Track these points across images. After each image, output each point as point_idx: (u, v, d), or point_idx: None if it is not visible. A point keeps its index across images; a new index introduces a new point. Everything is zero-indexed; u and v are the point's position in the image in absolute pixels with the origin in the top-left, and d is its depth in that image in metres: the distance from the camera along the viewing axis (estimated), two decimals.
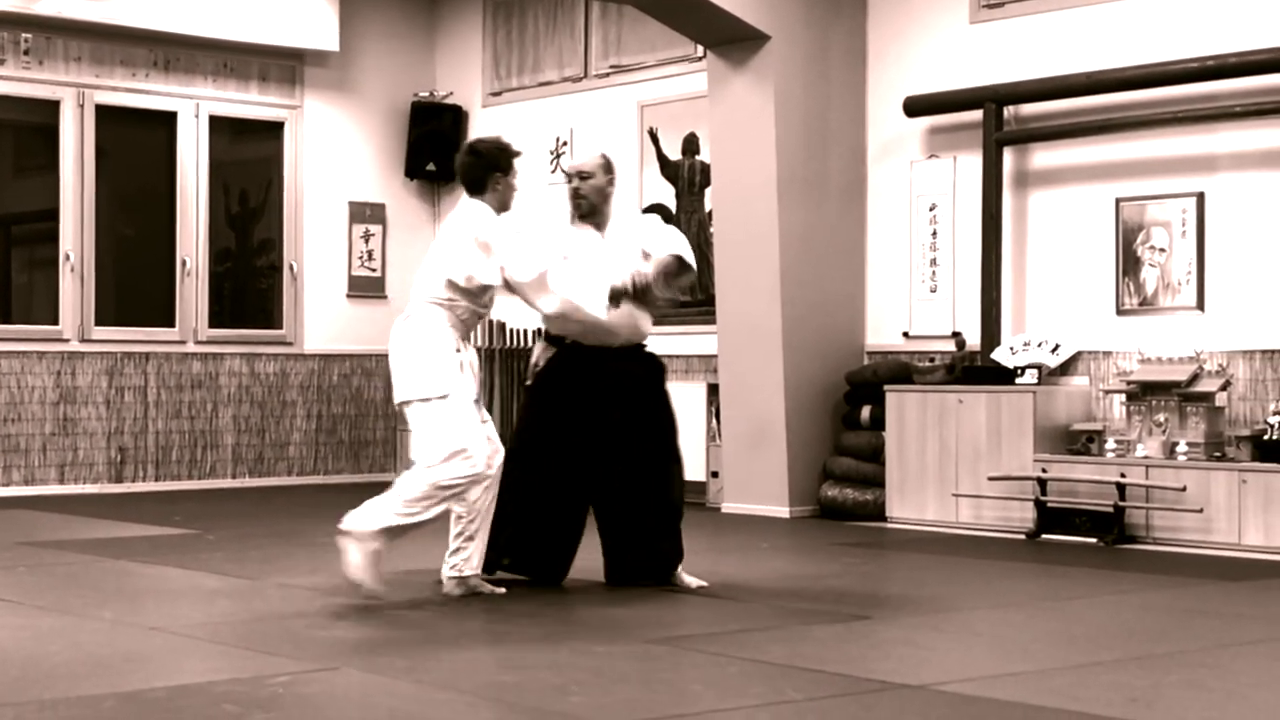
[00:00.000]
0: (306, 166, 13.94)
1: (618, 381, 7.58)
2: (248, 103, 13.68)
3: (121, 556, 8.72)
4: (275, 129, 13.85)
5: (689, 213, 12.39)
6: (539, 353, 7.76)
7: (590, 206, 7.58)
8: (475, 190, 7.40)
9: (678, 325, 12.34)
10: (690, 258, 7.46)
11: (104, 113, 13.02)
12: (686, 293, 8.17)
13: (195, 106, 13.38)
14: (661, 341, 12.26)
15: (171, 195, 13.32)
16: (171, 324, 13.25)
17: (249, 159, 13.98)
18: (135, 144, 13.42)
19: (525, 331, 13.00)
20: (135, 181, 13.47)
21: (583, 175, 7.58)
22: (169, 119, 13.32)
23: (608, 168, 7.64)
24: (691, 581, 7.62)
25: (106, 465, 12.97)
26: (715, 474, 11.77)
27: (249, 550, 9.07)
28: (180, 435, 13.28)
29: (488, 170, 7.40)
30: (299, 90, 13.92)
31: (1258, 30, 9.57)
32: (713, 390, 11.87)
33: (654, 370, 7.75)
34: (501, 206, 7.36)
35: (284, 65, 13.82)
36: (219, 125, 13.56)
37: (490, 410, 8.26)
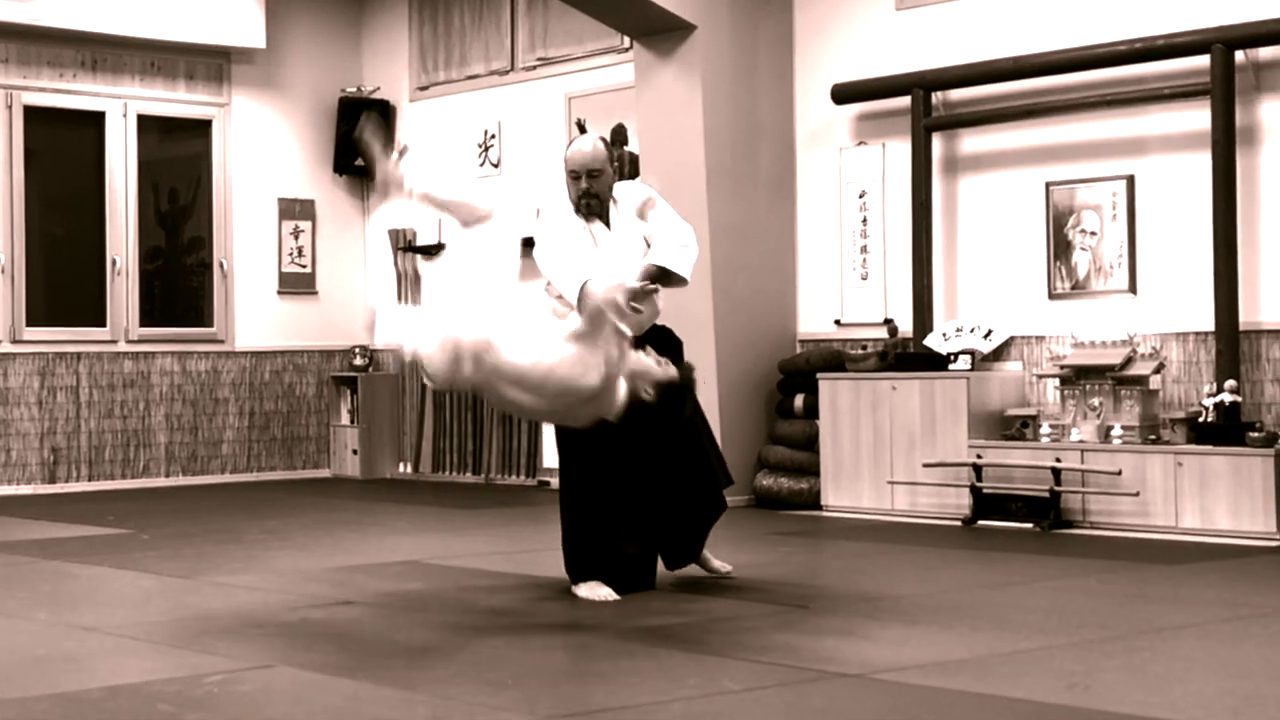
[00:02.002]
0: (235, 164, 13.82)
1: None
2: (176, 101, 13.56)
3: (56, 557, 8.63)
4: (203, 127, 13.73)
5: None
6: None
7: (601, 205, 7.26)
8: None
9: None
10: (680, 258, 7.15)
11: (32, 114, 12.90)
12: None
13: (123, 106, 13.28)
14: None
15: (101, 195, 13.20)
16: (102, 323, 13.12)
17: (178, 157, 13.85)
18: (64, 144, 13.30)
19: None
20: (64, 182, 13.36)
21: (593, 174, 7.25)
22: (97, 119, 13.21)
23: (610, 157, 7.33)
24: (721, 566, 7.51)
25: (39, 466, 12.85)
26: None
27: (183, 549, 8.97)
28: (113, 435, 13.15)
29: None
30: (226, 88, 13.81)
31: (1184, 12, 9.53)
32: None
33: (673, 347, 7.30)
34: None
35: (211, 63, 13.71)
36: (147, 124, 13.44)
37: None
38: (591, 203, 7.10)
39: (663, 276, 7.00)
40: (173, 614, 6.76)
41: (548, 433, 12.17)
